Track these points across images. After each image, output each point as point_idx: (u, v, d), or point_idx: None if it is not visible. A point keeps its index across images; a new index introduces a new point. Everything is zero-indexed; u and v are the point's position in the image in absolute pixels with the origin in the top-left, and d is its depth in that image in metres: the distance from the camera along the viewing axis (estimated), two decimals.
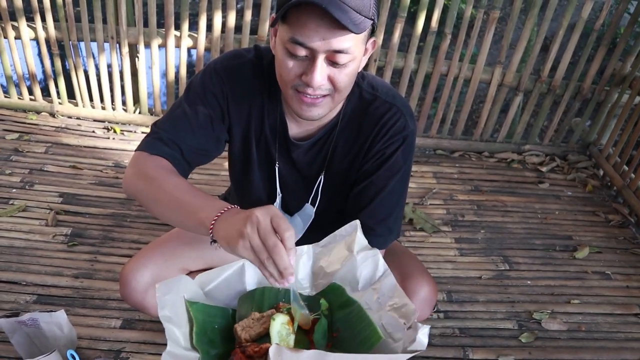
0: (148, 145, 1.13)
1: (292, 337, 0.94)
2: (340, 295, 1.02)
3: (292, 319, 0.97)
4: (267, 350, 0.86)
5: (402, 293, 0.98)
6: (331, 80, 1.03)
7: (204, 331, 0.95)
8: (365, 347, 0.93)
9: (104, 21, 2.38)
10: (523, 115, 2.65)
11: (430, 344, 1.58)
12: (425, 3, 2.32)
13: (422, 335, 0.89)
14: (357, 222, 1.08)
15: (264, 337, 0.95)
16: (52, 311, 1.35)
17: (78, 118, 2.61)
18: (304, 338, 0.97)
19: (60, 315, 1.33)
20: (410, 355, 0.86)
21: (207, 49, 2.45)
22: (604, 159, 2.58)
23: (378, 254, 1.05)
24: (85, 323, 1.53)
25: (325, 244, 1.09)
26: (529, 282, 1.90)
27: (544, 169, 2.60)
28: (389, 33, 2.45)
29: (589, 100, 2.62)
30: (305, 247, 1.08)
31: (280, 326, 0.93)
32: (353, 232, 1.07)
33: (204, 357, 0.92)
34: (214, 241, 0.93)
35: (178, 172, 1.11)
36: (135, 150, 1.14)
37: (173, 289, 0.93)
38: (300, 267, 1.07)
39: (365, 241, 1.07)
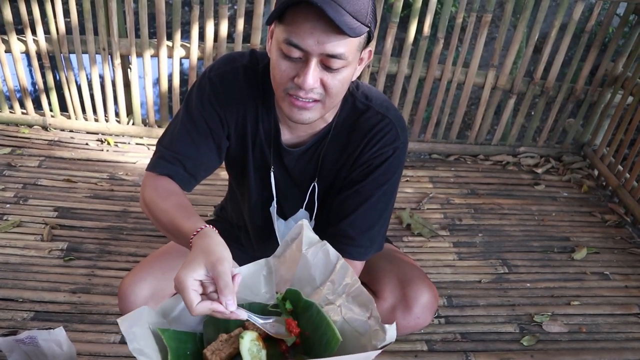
0: (152, 165, 1.18)
1: (264, 353, 0.92)
2: (298, 300, 1.01)
3: (261, 335, 0.95)
4: None
5: (353, 275, 0.98)
6: (323, 84, 1.03)
7: (178, 358, 0.92)
8: (329, 350, 0.92)
9: (95, 32, 2.37)
10: (517, 118, 2.66)
11: (432, 350, 1.59)
12: (417, 8, 2.33)
13: (390, 332, 0.89)
14: (304, 221, 1.05)
15: (235, 357, 0.92)
16: (50, 328, 1.33)
17: (71, 131, 2.59)
18: (277, 352, 0.96)
19: (59, 333, 1.31)
20: (379, 352, 0.87)
21: (200, 59, 2.44)
22: (598, 159, 2.59)
23: (326, 245, 1.02)
24: (84, 339, 1.51)
25: (280, 254, 1.07)
26: (528, 284, 1.90)
27: (539, 170, 2.61)
28: (381, 38, 2.46)
29: (582, 101, 2.63)
30: (262, 260, 1.05)
31: (250, 343, 0.91)
32: (300, 232, 1.05)
33: None
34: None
35: (182, 186, 1.16)
36: (145, 170, 1.19)
37: (137, 322, 0.90)
38: (263, 281, 1.05)
39: (314, 237, 1.04)
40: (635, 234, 2.21)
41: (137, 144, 2.54)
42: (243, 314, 0.88)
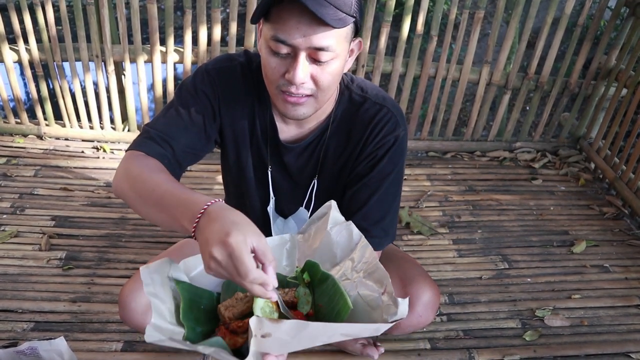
0: (138, 144, 1.11)
1: (276, 315, 0.94)
2: (316, 272, 1.03)
3: (284, 302, 0.97)
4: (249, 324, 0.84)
5: (372, 253, 1.00)
6: (314, 78, 1.04)
7: (190, 309, 0.95)
8: (340, 318, 0.94)
9: (88, 40, 2.36)
10: (512, 113, 2.66)
11: (435, 348, 1.59)
12: (409, 6, 2.33)
13: (402, 306, 0.90)
14: (332, 202, 1.08)
15: (247, 315, 0.93)
16: (51, 338, 1.33)
17: (66, 139, 2.58)
18: (291, 317, 0.97)
19: (60, 343, 1.31)
20: (390, 325, 0.88)
21: (194, 63, 2.43)
22: (594, 152, 2.59)
23: (351, 225, 1.05)
24: (85, 348, 1.50)
25: (304, 230, 1.10)
26: (529, 279, 1.90)
27: (536, 165, 2.61)
28: (374, 37, 2.46)
29: (576, 94, 2.64)
30: (287, 235, 1.08)
31: (263, 303, 0.92)
32: (328, 212, 1.07)
33: (189, 333, 0.92)
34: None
35: (168, 171, 1.08)
36: (126, 150, 1.12)
37: (158, 270, 0.93)
38: (285, 255, 1.09)
39: (341, 218, 1.06)
40: (633, 226, 2.21)
41: None
42: (274, 296, 0.86)
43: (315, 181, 1.28)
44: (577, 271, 1.95)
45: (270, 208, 1.34)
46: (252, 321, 0.80)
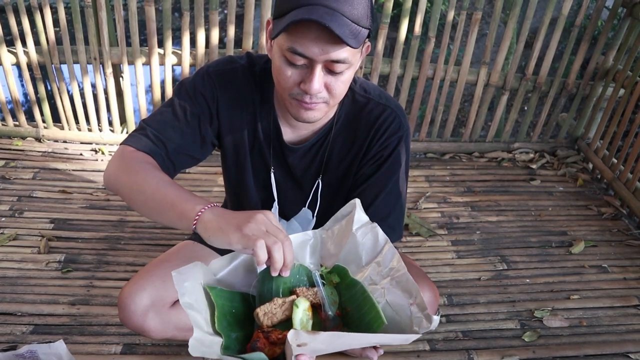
0: (134, 140, 1.13)
1: (311, 323, 0.99)
2: (345, 277, 1.05)
3: (312, 304, 1.01)
4: None
5: (399, 260, 1.01)
6: (327, 87, 1.05)
7: (224, 315, 0.97)
8: (371, 329, 0.97)
9: (86, 42, 2.36)
10: (510, 114, 2.66)
11: (434, 350, 1.59)
12: (407, 8, 2.34)
13: (435, 322, 0.93)
14: (357, 200, 1.09)
15: (285, 322, 0.98)
16: (50, 341, 1.33)
17: (65, 141, 2.58)
18: (317, 319, 1.02)
19: (59, 346, 1.30)
20: (419, 335, 0.91)
21: (192, 65, 2.44)
22: (592, 152, 2.60)
23: (377, 227, 1.06)
24: (84, 351, 1.50)
25: (329, 227, 1.12)
26: (527, 280, 1.90)
27: (534, 166, 2.62)
28: (372, 39, 2.46)
29: (574, 95, 2.64)
30: (311, 232, 1.11)
31: (302, 313, 0.97)
32: (352, 211, 1.10)
33: (226, 341, 0.95)
34: (195, 233, 0.96)
35: (162, 169, 1.11)
36: (121, 144, 1.13)
37: (190, 276, 0.95)
38: (309, 252, 1.11)
39: (365, 217, 1.08)
40: (631, 226, 2.22)
41: None
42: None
43: (319, 181, 1.29)
44: (576, 272, 1.95)
45: (275, 210, 1.34)
46: (290, 335, 0.84)
